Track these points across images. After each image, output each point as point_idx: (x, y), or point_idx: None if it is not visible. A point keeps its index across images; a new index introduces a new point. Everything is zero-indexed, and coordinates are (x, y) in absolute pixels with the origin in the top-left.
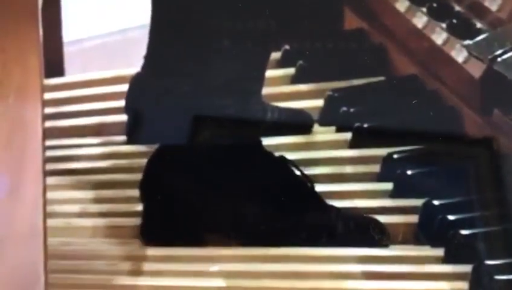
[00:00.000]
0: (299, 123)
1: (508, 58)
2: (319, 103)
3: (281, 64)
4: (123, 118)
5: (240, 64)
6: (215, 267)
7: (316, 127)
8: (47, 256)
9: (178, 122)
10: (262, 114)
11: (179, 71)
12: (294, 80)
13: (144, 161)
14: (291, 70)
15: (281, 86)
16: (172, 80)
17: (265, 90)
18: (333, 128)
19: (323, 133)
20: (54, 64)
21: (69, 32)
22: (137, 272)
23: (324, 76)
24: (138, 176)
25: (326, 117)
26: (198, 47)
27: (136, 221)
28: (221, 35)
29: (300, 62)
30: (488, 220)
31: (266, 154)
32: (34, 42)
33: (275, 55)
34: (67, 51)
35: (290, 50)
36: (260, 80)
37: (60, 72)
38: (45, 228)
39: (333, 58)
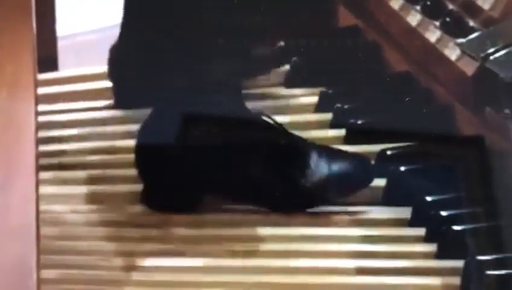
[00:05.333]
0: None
1: (500, 56)
2: (313, 99)
3: None
4: (118, 113)
5: (234, 61)
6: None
7: (310, 122)
8: (40, 251)
9: (171, 119)
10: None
11: (172, 67)
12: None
13: None
14: (285, 67)
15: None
16: (165, 75)
17: (259, 88)
18: (327, 124)
19: (317, 129)
20: (48, 59)
21: (62, 26)
22: (130, 268)
23: (318, 72)
24: (133, 171)
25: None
26: (192, 43)
27: (130, 216)
28: (216, 32)
29: (295, 59)
30: (480, 216)
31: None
32: (27, 37)
33: None
34: (61, 45)
35: (285, 47)
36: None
37: (53, 67)
38: (38, 223)
39: (327, 55)
